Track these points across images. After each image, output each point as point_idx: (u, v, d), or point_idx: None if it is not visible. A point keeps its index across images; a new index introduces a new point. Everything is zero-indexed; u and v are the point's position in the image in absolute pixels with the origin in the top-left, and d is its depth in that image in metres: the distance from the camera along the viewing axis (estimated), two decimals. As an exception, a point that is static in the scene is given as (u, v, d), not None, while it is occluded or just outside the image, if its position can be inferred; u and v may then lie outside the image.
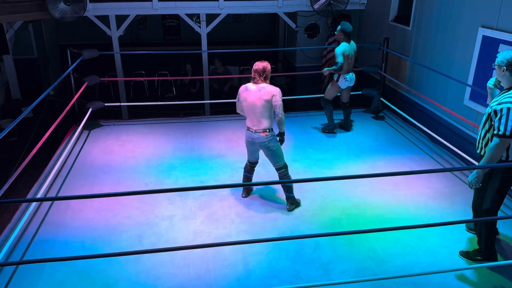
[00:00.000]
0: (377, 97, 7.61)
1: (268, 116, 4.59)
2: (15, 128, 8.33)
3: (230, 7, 8.84)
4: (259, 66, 4.60)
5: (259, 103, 4.52)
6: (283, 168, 4.81)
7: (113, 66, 9.01)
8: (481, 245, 4.01)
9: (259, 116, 4.57)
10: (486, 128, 3.71)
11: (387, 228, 3.99)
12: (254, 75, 4.60)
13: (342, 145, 6.52)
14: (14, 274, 3.88)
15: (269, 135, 4.62)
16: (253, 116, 4.60)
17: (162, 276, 3.89)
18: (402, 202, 5.03)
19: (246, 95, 4.60)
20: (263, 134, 4.60)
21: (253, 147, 4.82)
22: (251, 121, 4.64)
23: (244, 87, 4.66)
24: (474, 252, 4.09)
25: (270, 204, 5.01)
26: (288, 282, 3.82)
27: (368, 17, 9.33)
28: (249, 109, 4.60)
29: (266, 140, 4.62)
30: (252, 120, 4.62)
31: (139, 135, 6.86)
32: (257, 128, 4.61)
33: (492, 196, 3.80)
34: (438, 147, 6.40)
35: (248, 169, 5.04)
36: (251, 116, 4.62)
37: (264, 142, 4.62)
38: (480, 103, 5.76)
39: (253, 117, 4.60)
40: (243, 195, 5.11)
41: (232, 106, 8.37)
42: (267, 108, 4.54)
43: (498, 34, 5.40)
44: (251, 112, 4.60)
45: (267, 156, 4.80)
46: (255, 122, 4.61)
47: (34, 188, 5.28)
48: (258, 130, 4.60)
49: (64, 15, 7.75)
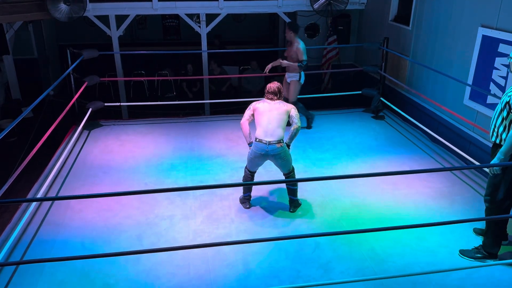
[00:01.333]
0: (377, 96, 7.61)
1: (283, 128, 4.56)
2: (15, 128, 8.32)
3: (230, 7, 8.83)
4: (273, 87, 4.66)
5: (277, 113, 4.52)
6: (292, 172, 4.79)
7: (113, 66, 9.00)
8: (487, 238, 4.03)
9: (276, 126, 4.50)
10: (503, 115, 3.76)
11: (387, 228, 3.99)
12: (270, 96, 4.63)
13: (342, 144, 6.52)
14: (14, 274, 3.88)
15: (284, 145, 4.57)
16: (269, 126, 4.50)
17: (162, 276, 3.89)
18: (402, 202, 5.03)
19: (262, 106, 4.59)
20: (279, 145, 4.50)
21: (262, 160, 4.67)
22: (265, 132, 4.51)
23: (259, 101, 4.69)
24: (473, 250, 4.10)
25: (270, 204, 5.01)
26: (288, 281, 3.82)
27: (368, 17, 9.33)
28: (265, 119, 4.53)
29: (282, 151, 4.54)
30: (267, 130, 4.51)
31: (139, 135, 6.86)
32: (271, 139, 4.49)
33: (506, 187, 3.83)
34: (438, 147, 6.40)
35: (249, 178, 4.86)
36: (266, 126, 4.51)
37: (280, 153, 4.54)
38: (480, 103, 5.76)
39: (268, 127, 4.50)
40: (246, 207, 4.93)
41: (231, 106, 8.42)
42: (284, 120, 4.57)
43: (497, 33, 5.40)
44: (266, 122, 4.52)
45: (278, 165, 4.71)
46: (270, 133, 4.50)
47: (34, 188, 5.28)
48: (272, 142, 4.48)
49: (64, 15, 7.75)
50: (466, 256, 4.09)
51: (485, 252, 4.04)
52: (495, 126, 3.87)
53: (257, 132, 4.57)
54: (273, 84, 4.68)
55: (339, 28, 9.57)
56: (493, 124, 3.92)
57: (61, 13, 7.75)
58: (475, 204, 4.93)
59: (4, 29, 8.57)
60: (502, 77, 5.39)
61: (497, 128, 3.86)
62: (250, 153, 4.67)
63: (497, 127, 3.86)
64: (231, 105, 8.45)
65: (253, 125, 4.65)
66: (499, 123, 3.83)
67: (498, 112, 3.83)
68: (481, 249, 4.08)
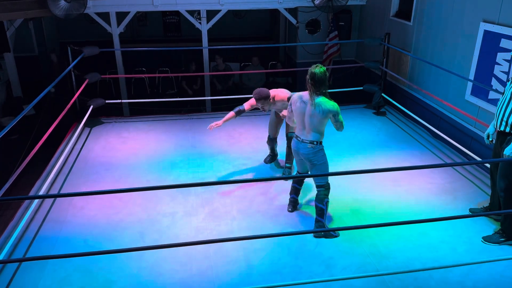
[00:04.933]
0: (378, 92, 7.60)
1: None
2: (17, 126, 8.33)
3: (231, 3, 8.81)
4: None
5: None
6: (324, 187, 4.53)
7: (114, 63, 9.00)
8: (505, 224, 4.09)
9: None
10: None
11: (389, 224, 4.00)
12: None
13: (343, 141, 6.51)
14: (17, 271, 3.90)
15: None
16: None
17: (165, 273, 3.90)
18: (404, 198, 5.02)
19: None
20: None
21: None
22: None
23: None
24: (496, 235, 4.17)
25: (271, 200, 5.01)
26: (290, 278, 3.83)
27: (369, 12, 9.30)
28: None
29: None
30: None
31: (140, 132, 6.86)
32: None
33: None
34: (440, 142, 6.39)
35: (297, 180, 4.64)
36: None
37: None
38: (482, 98, 5.75)
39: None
40: (289, 210, 4.73)
41: (233, 102, 8.38)
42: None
43: (499, 28, 5.38)
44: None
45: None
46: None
47: (36, 186, 5.29)
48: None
49: (64, 12, 7.74)
50: (491, 242, 4.14)
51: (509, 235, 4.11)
52: (505, 116, 3.94)
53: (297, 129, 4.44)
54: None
55: (340, 24, 9.54)
56: (501, 114, 3.98)
57: (61, 10, 7.74)
58: (477, 199, 4.93)
59: (4, 27, 8.56)
60: (504, 72, 5.37)
61: (506, 117, 3.93)
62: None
63: (506, 117, 3.93)
64: (232, 101, 8.43)
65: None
66: (508, 113, 3.90)
67: (506, 103, 3.91)
68: (502, 233, 4.13)
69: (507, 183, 3.98)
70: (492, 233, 4.25)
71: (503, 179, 4.00)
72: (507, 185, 3.98)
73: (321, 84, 4.04)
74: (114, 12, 8.59)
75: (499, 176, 4.05)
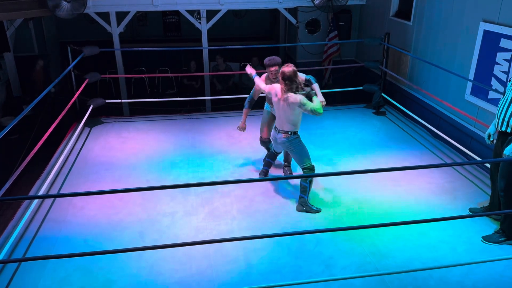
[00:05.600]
0: (378, 92, 7.60)
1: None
2: (17, 126, 8.33)
3: (231, 3, 8.81)
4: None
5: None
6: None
7: (113, 63, 9.00)
8: (505, 223, 4.10)
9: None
10: None
11: (388, 224, 4.00)
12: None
13: (343, 141, 6.51)
14: (16, 271, 3.90)
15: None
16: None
17: (164, 272, 3.91)
18: (403, 198, 5.03)
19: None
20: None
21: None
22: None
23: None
24: (496, 234, 4.17)
25: (271, 200, 5.01)
26: (290, 277, 3.83)
27: (368, 12, 9.30)
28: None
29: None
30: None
31: (140, 132, 6.86)
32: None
33: None
34: (439, 142, 6.40)
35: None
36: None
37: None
38: (482, 98, 5.75)
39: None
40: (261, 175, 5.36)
41: (233, 102, 8.41)
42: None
43: (499, 28, 5.38)
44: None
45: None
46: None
47: (36, 186, 5.29)
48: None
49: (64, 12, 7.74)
50: (491, 242, 4.14)
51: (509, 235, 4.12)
52: (506, 116, 3.94)
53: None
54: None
55: (340, 23, 9.55)
56: (502, 114, 3.97)
57: (61, 10, 7.74)
58: (477, 199, 4.93)
59: (4, 27, 8.57)
60: (504, 72, 5.38)
61: (507, 118, 3.93)
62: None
63: (507, 117, 3.93)
64: (232, 101, 8.45)
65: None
66: (510, 113, 3.90)
67: (507, 102, 3.91)
68: (502, 232, 4.13)
69: (507, 183, 3.99)
70: (492, 233, 4.25)
71: (503, 179, 4.01)
72: (507, 185, 3.99)
73: (291, 82, 4.48)
74: (114, 12, 8.59)
75: (499, 176, 4.05)
